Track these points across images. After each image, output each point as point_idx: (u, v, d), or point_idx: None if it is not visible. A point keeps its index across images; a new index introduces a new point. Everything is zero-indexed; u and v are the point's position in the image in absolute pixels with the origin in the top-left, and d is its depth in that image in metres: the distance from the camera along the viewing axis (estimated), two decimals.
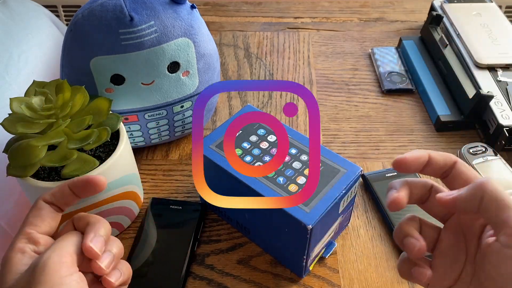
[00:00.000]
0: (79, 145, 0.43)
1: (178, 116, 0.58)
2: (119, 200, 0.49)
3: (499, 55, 0.67)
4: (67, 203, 0.37)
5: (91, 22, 0.49)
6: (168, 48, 0.52)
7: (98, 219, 0.35)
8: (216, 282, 0.48)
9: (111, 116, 0.48)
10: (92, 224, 0.35)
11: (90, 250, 0.33)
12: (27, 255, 0.33)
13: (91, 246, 0.33)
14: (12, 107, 0.43)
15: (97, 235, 0.34)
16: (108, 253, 0.34)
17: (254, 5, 0.92)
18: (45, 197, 0.36)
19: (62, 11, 1.06)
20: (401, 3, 0.92)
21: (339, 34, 0.84)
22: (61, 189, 0.37)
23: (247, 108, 0.53)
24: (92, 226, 0.34)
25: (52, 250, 0.32)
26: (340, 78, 0.75)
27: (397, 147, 0.63)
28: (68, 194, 0.37)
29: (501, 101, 0.61)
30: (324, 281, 0.48)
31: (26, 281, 0.31)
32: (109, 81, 0.52)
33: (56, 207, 0.37)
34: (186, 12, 0.52)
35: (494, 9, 0.77)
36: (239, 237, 0.53)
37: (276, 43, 0.82)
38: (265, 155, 0.47)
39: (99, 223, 0.35)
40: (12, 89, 0.59)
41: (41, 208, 0.36)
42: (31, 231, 0.34)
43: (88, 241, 0.33)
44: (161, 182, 0.59)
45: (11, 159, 0.43)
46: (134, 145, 0.60)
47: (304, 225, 0.41)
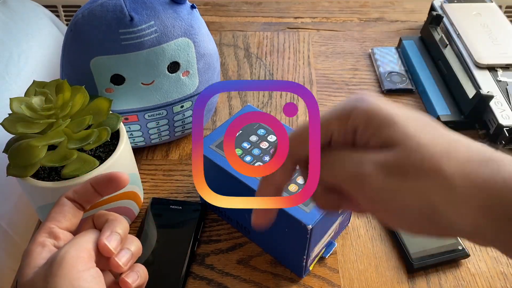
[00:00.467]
0: (79, 145, 0.43)
1: (178, 116, 0.58)
2: (119, 200, 0.49)
3: (499, 55, 0.67)
4: (89, 201, 0.37)
5: (91, 22, 0.49)
6: (168, 48, 0.52)
7: (117, 217, 0.36)
8: (216, 282, 0.48)
9: (111, 116, 0.48)
10: (110, 222, 0.35)
11: (104, 247, 0.33)
12: (47, 249, 0.34)
13: (106, 243, 0.33)
14: (12, 107, 0.43)
15: (113, 232, 0.34)
16: (126, 250, 0.35)
17: (254, 5, 0.92)
18: (68, 194, 0.37)
19: (62, 11, 1.06)
20: (401, 3, 0.92)
21: (339, 34, 0.84)
22: (83, 187, 0.37)
23: (247, 108, 0.53)
24: (109, 223, 0.35)
25: (70, 245, 0.32)
26: (340, 78, 0.75)
27: None
28: (90, 192, 0.37)
29: (501, 101, 0.61)
30: (324, 281, 0.48)
31: (44, 275, 0.31)
32: (109, 81, 0.52)
33: (78, 205, 0.37)
34: (186, 12, 0.52)
35: (494, 9, 0.77)
36: (239, 237, 0.53)
37: (276, 43, 0.82)
38: (265, 155, 0.47)
39: (117, 220, 0.35)
40: (12, 89, 0.59)
41: (63, 205, 0.36)
42: (53, 225, 0.35)
43: (104, 238, 0.33)
44: (161, 182, 0.59)
45: (11, 159, 0.43)
46: (134, 145, 0.60)
47: (304, 225, 0.41)
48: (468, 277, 0.49)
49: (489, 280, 0.49)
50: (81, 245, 0.33)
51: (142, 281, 0.36)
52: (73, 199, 0.37)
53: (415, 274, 0.49)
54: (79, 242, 0.33)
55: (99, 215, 0.36)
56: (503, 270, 0.49)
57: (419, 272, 0.49)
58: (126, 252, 0.35)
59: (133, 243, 0.36)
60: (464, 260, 0.50)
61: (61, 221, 0.35)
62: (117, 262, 0.34)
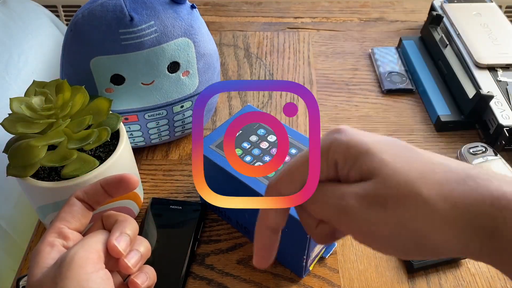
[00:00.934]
0: (79, 145, 0.43)
1: (178, 116, 0.58)
2: (119, 200, 0.49)
3: (499, 55, 0.67)
4: (99, 202, 0.37)
5: (91, 22, 0.49)
6: (168, 48, 0.52)
7: (126, 217, 0.35)
8: (216, 282, 0.48)
9: (111, 116, 0.48)
10: (119, 223, 0.35)
11: (113, 248, 0.33)
12: (56, 249, 0.33)
13: (115, 244, 0.33)
14: (12, 107, 0.43)
15: (122, 233, 0.34)
16: (135, 251, 0.34)
17: (254, 5, 0.92)
18: (78, 194, 0.36)
19: (62, 11, 1.06)
20: (401, 3, 0.92)
21: (339, 34, 0.84)
22: (93, 187, 0.37)
23: (247, 108, 0.53)
24: (119, 224, 0.35)
25: (80, 246, 0.32)
26: (340, 78, 0.75)
27: None
28: (100, 193, 0.37)
29: (501, 101, 0.61)
30: (324, 281, 0.48)
31: (52, 275, 0.31)
32: (109, 81, 0.52)
33: (88, 205, 0.37)
34: (186, 12, 0.52)
35: (494, 9, 0.77)
36: (239, 237, 0.53)
37: (276, 43, 0.82)
38: (265, 155, 0.47)
39: (126, 221, 0.35)
40: (12, 89, 0.59)
41: (73, 205, 0.36)
42: (62, 226, 0.35)
43: (114, 239, 0.33)
44: (161, 182, 0.59)
45: (11, 159, 0.43)
46: (134, 145, 0.60)
47: None
48: (468, 277, 0.49)
49: (489, 280, 0.49)
50: (90, 246, 0.33)
51: (151, 282, 0.36)
52: (83, 199, 0.36)
53: (415, 274, 0.49)
54: (88, 243, 0.33)
55: (108, 215, 0.36)
56: None
57: (419, 272, 0.49)
58: (135, 254, 0.34)
59: (142, 244, 0.36)
60: (464, 260, 0.50)
61: (70, 221, 0.35)
62: (126, 263, 0.33)
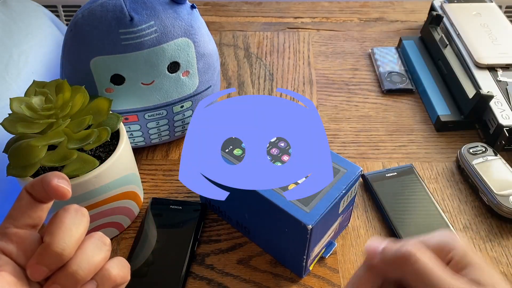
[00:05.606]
0: (79, 145, 0.43)
1: (178, 116, 0.58)
2: (119, 200, 0.49)
3: (499, 55, 0.67)
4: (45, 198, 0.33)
5: (91, 22, 0.49)
6: (168, 48, 0.52)
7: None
8: (216, 282, 0.48)
9: (111, 116, 0.48)
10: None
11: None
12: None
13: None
14: (12, 107, 0.43)
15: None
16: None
17: (254, 5, 0.92)
18: (26, 187, 0.33)
19: (62, 11, 1.06)
20: (401, 3, 0.92)
21: (339, 34, 0.84)
22: (37, 182, 0.33)
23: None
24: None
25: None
26: (340, 78, 0.75)
27: (397, 147, 0.63)
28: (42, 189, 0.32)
29: (501, 101, 0.61)
30: (324, 281, 0.48)
31: None
32: (109, 81, 0.52)
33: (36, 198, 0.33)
34: (186, 12, 0.52)
35: (494, 9, 0.77)
36: (239, 237, 0.53)
37: (276, 43, 0.82)
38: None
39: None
40: (12, 89, 0.59)
41: (21, 199, 0.33)
42: (8, 225, 0.32)
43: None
44: (161, 182, 0.59)
45: (11, 159, 0.43)
46: (134, 145, 0.60)
47: (304, 225, 0.41)
48: None
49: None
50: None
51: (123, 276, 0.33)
52: (30, 193, 0.33)
53: None
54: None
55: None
56: (503, 270, 0.49)
57: None
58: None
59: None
60: None
61: (17, 218, 0.32)
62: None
